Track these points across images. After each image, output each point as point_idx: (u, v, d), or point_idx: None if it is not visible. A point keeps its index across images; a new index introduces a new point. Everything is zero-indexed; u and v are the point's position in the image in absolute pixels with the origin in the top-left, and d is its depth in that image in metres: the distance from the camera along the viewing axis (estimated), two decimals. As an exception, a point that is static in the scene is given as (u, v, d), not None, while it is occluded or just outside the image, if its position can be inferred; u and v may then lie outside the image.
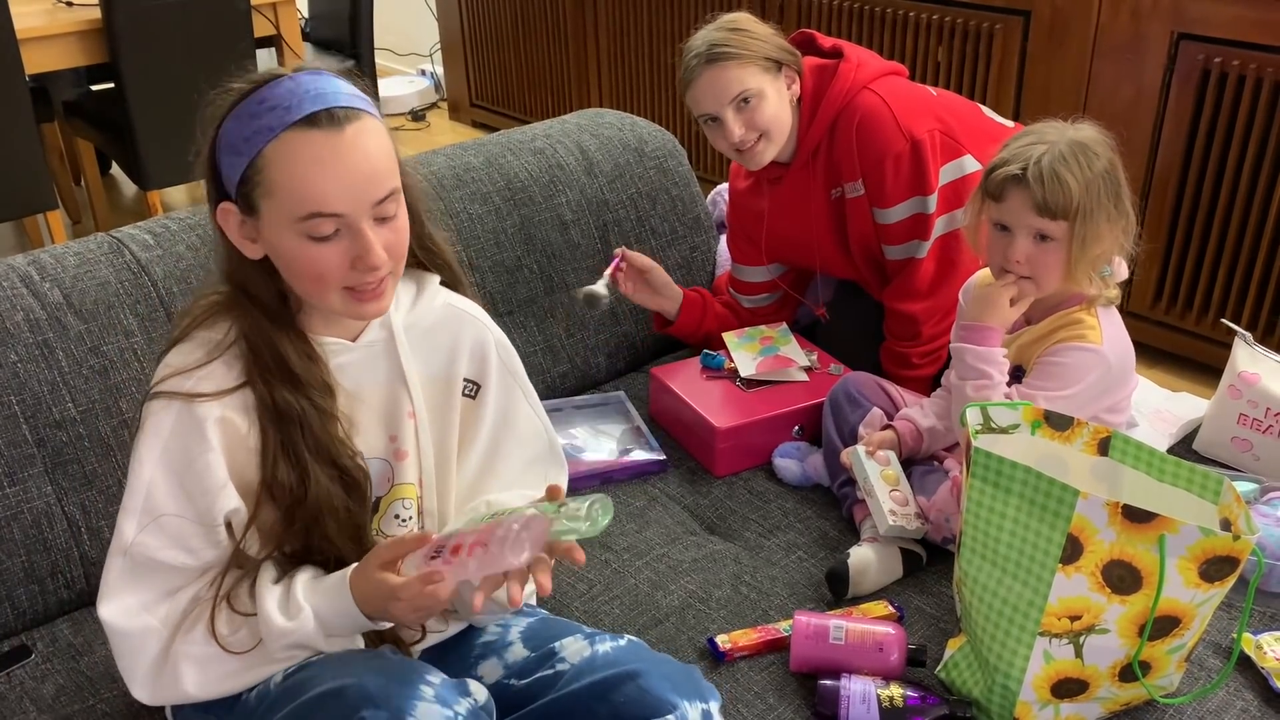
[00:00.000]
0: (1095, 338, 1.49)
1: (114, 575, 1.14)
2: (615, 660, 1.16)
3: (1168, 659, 1.26)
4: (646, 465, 1.77)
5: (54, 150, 3.67)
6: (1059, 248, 1.44)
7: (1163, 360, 2.75)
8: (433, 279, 1.28)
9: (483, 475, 1.30)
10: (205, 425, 1.12)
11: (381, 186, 1.09)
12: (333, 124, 1.06)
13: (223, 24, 3.20)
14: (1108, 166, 1.44)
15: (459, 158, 1.96)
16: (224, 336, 1.15)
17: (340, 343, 1.20)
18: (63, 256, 1.56)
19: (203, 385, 1.13)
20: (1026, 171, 1.42)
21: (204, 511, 1.13)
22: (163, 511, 1.12)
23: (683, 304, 1.98)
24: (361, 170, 1.07)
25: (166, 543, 1.13)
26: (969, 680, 1.33)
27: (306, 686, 1.06)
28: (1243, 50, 2.44)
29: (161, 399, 1.13)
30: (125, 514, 1.13)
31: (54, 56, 3.16)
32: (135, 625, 1.13)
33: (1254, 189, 2.51)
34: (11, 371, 1.45)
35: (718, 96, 1.75)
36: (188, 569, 1.15)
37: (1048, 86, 2.78)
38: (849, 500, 1.65)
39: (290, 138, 1.05)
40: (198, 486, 1.13)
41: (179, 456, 1.12)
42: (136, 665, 1.14)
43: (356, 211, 1.08)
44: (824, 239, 1.91)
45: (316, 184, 1.06)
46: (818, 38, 1.89)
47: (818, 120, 1.81)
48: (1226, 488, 1.27)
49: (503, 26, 4.42)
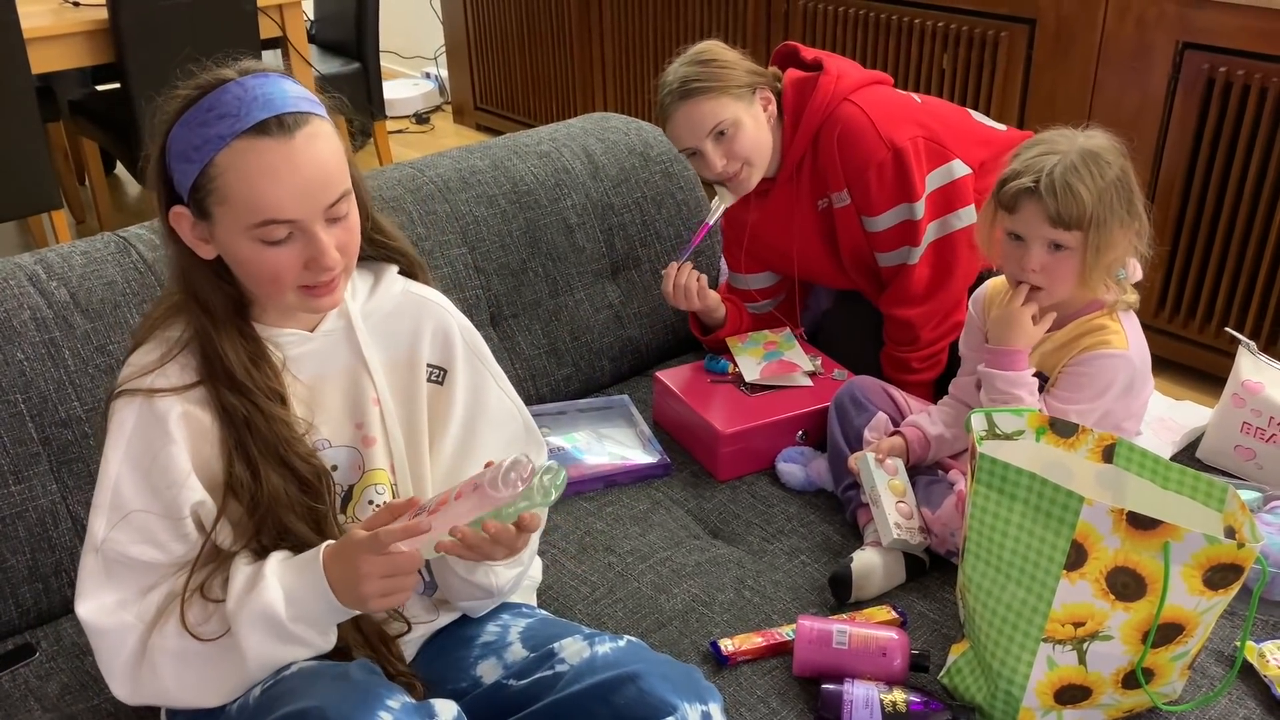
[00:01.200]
0: (1120, 342, 1.49)
1: (88, 574, 1.15)
2: (615, 661, 1.15)
3: (1171, 666, 1.26)
4: (650, 469, 1.77)
5: (59, 150, 3.68)
6: (1073, 256, 1.45)
7: (1166, 369, 2.75)
8: (390, 268, 1.30)
9: (460, 460, 1.30)
10: (167, 420, 1.14)
11: (333, 190, 1.11)
12: (283, 131, 1.07)
13: (229, 25, 3.21)
14: (1119, 173, 1.45)
15: (465, 160, 1.97)
16: (179, 334, 1.17)
17: (298, 333, 1.21)
18: (70, 256, 1.57)
19: (159, 382, 1.15)
20: (1039, 183, 1.42)
21: (169, 505, 1.14)
22: (130, 508, 1.14)
23: (727, 311, 2.01)
24: (313, 177, 1.09)
25: (136, 538, 1.14)
26: (972, 686, 1.33)
27: (274, 706, 1.07)
28: (1247, 60, 2.44)
29: (124, 397, 1.15)
30: (95, 511, 1.14)
31: (60, 56, 3.17)
32: (112, 622, 1.14)
33: (1258, 198, 2.51)
34: (18, 370, 1.45)
35: (695, 131, 1.78)
36: (159, 565, 1.15)
37: (1053, 95, 2.78)
38: (853, 504, 1.65)
39: (241, 147, 1.06)
40: (162, 480, 1.14)
41: (142, 452, 1.14)
42: (115, 663, 1.14)
43: (310, 216, 1.10)
44: (813, 249, 1.92)
45: (269, 192, 1.07)
46: (800, 50, 1.90)
47: (800, 134, 1.83)
48: (1231, 496, 1.27)
49: (508, 30, 4.42)
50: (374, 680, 1.11)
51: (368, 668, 1.14)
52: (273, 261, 1.11)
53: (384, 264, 1.30)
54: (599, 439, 1.84)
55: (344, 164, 1.14)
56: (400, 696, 1.08)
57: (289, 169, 1.07)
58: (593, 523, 1.67)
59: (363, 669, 1.13)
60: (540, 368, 1.96)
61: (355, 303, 1.25)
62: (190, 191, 1.10)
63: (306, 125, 1.09)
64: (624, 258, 2.08)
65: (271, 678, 1.13)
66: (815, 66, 1.86)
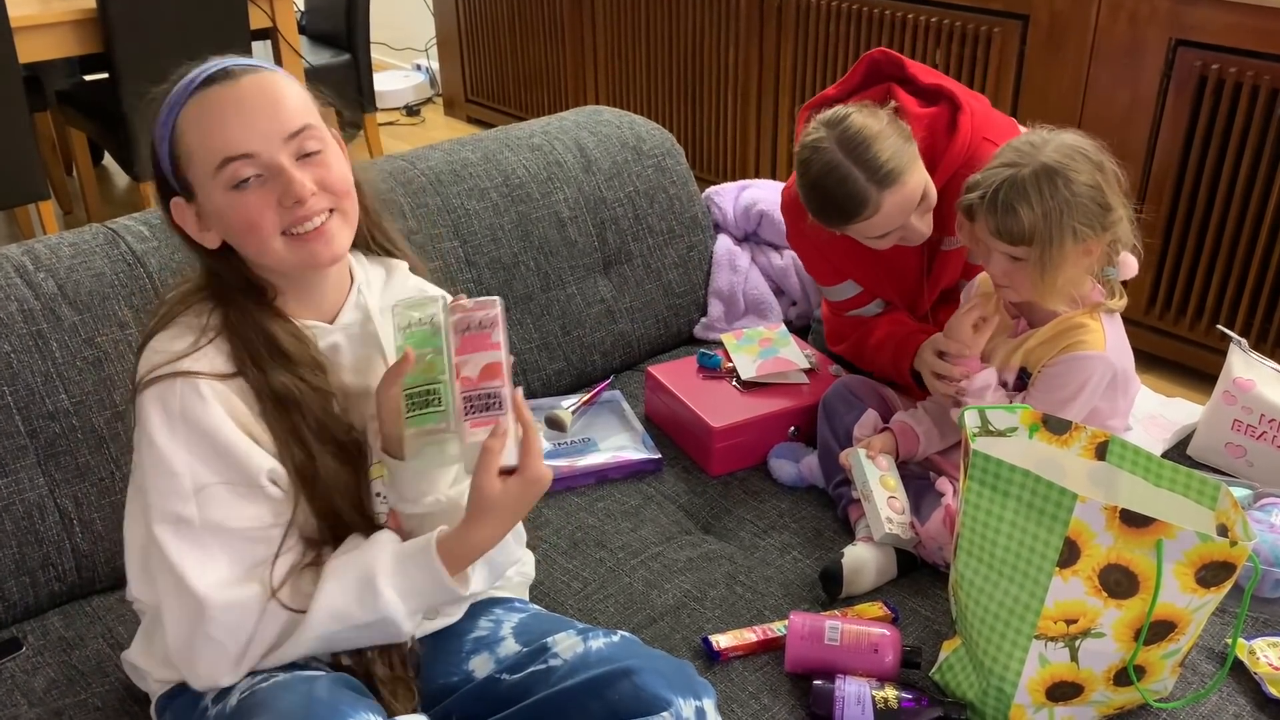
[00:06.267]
0: (1096, 342, 1.49)
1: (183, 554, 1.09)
2: (609, 657, 1.15)
3: (1162, 664, 1.26)
4: (642, 464, 1.77)
5: (46, 140, 3.65)
6: (1027, 266, 1.45)
7: (1157, 366, 2.76)
8: (401, 264, 1.30)
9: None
10: (210, 399, 1.11)
11: (289, 121, 1.11)
12: (228, 78, 1.10)
13: (218, 16, 3.19)
14: (1086, 186, 1.42)
15: (456, 153, 1.96)
16: (206, 321, 1.15)
17: (318, 325, 1.21)
18: (57, 247, 1.55)
19: (198, 365, 1.12)
20: (985, 199, 1.44)
21: (244, 472, 1.11)
22: (206, 482, 1.10)
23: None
24: (262, 109, 1.10)
25: (226, 507, 1.10)
26: (963, 683, 1.33)
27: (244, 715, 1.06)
28: (1240, 57, 2.44)
29: (160, 383, 1.11)
30: (162, 499, 1.09)
31: (48, 45, 3.13)
32: (237, 596, 1.10)
33: (1249, 195, 2.52)
34: (5, 362, 1.44)
35: (905, 212, 1.57)
36: (258, 532, 1.12)
37: (1045, 91, 2.78)
38: (844, 501, 1.65)
39: (192, 103, 1.10)
40: (227, 451, 1.11)
41: (196, 428, 1.10)
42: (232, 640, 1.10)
43: (268, 148, 1.10)
44: (907, 281, 1.80)
45: (219, 131, 1.09)
46: (906, 65, 1.69)
47: (935, 178, 1.62)
48: (1224, 494, 1.27)
49: (499, 22, 4.41)
50: (340, 696, 1.08)
51: (342, 681, 1.13)
52: (244, 206, 1.10)
53: (394, 260, 1.30)
54: (590, 434, 1.84)
55: (306, 104, 1.14)
56: (364, 714, 1.05)
57: (235, 106, 1.09)
58: (584, 518, 1.67)
59: (335, 682, 1.12)
60: (532, 362, 1.95)
61: (372, 295, 1.25)
62: (173, 174, 1.11)
63: (254, 74, 1.12)
64: (616, 252, 2.07)
65: (249, 686, 1.11)
66: (932, 91, 1.68)
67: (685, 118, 3.79)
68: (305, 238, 1.12)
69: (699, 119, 3.74)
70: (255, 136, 1.09)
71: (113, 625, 1.44)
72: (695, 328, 2.16)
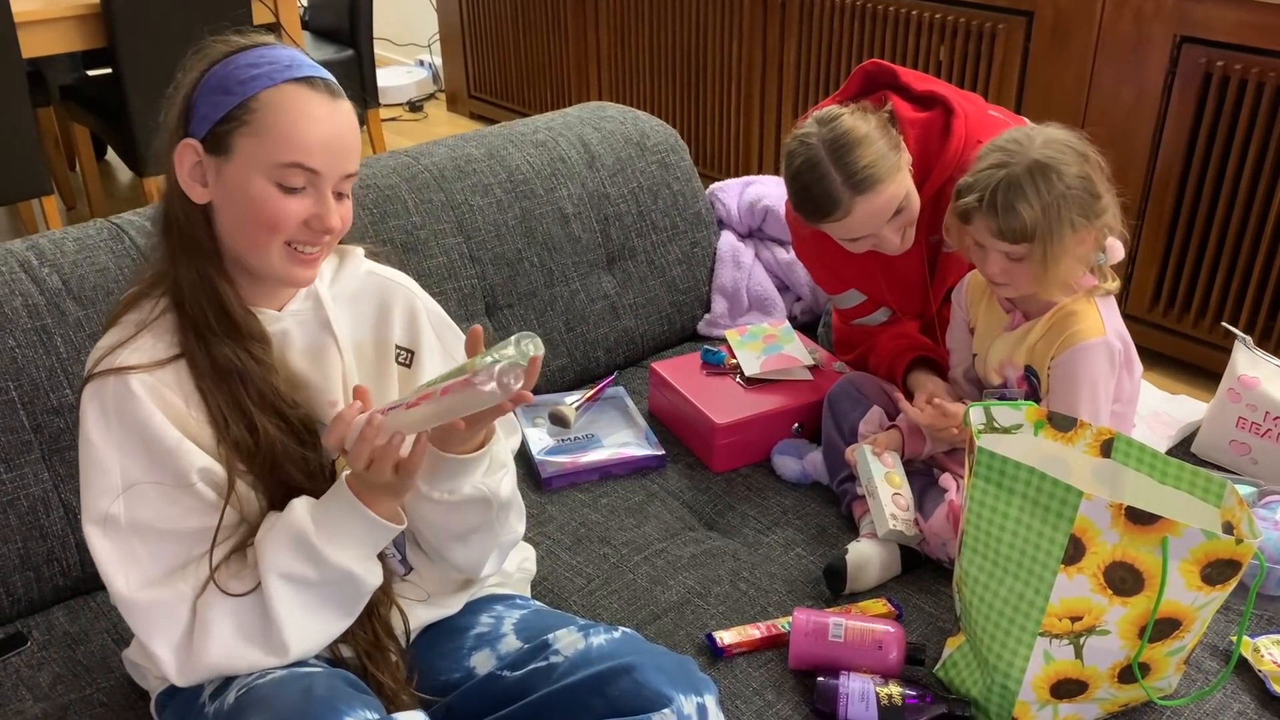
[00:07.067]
0: (1094, 328, 1.49)
1: (109, 557, 1.11)
2: (610, 653, 1.15)
3: (1167, 661, 1.26)
4: (645, 461, 1.77)
5: (49, 135, 3.65)
6: (1029, 262, 1.45)
7: (1161, 363, 2.75)
8: (356, 250, 1.31)
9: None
10: (142, 395, 1.12)
11: (353, 161, 1.16)
12: (329, 91, 1.14)
13: (222, 11, 3.16)
14: (1076, 178, 1.42)
15: (460, 149, 1.96)
16: (149, 314, 1.16)
17: (267, 312, 1.21)
18: (62, 242, 1.55)
19: (131, 358, 1.13)
20: (983, 201, 1.43)
21: (175, 471, 1.12)
22: (135, 480, 1.11)
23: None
24: (345, 140, 1.14)
25: (153, 508, 1.11)
26: (968, 679, 1.33)
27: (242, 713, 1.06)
28: (1244, 54, 2.44)
29: (95, 380, 1.13)
30: (93, 496, 1.11)
31: (51, 40, 3.13)
32: (155, 597, 1.11)
33: (1254, 193, 2.51)
34: (9, 357, 1.44)
35: (876, 220, 1.57)
36: (185, 533, 1.13)
37: (1049, 88, 2.78)
38: (848, 497, 1.65)
39: (290, 89, 1.11)
40: (158, 448, 1.12)
41: (128, 427, 1.12)
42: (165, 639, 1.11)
43: (329, 174, 1.13)
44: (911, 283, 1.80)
45: (306, 135, 1.10)
46: (899, 74, 1.70)
47: (930, 182, 1.64)
48: (1229, 491, 1.27)
49: (502, 18, 4.40)
50: (338, 693, 1.08)
51: (340, 677, 1.13)
52: (279, 206, 1.11)
53: (349, 247, 1.30)
54: (594, 430, 1.84)
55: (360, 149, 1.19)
56: (361, 711, 1.06)
57: (330, 122, 1.12)
58: (588, 514, 1.67)
59: (333, 678, 1.12)
60: (535, 358, 1.95)
61: (323, 284, 1.25)
62: (216, 123, 1.11)
63: (344, 99, 1.16)
64: (620, 248, 2.07)
65: (247, 682, 1.11)
66: (926, 97, 1.68)
67: (689, 114, 3.78)
68: (302, 258, 1.15)
69: (702, 115, 3.73)
70: (330, 162, 1.12)
71: (117, 621, 1.45)
72: (699, 324, 2.16)
